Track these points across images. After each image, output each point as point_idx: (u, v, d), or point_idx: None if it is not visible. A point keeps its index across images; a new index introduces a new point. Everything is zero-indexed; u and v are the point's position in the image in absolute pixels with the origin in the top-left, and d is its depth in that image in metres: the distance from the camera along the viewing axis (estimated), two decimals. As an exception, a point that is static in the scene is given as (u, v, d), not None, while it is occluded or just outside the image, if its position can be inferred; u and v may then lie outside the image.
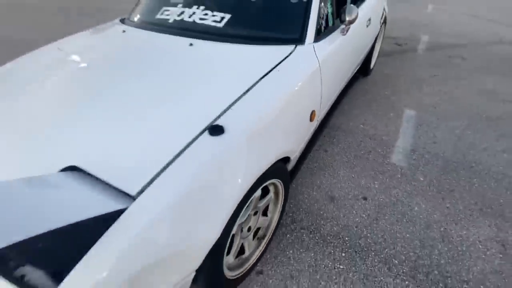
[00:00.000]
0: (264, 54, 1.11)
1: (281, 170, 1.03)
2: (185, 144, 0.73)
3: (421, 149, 1.73)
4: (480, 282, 1.07)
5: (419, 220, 1.31)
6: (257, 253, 1.13)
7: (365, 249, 1.20)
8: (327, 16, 1.40)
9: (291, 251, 1.21)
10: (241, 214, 0.86)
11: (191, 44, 1.18)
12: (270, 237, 1.18)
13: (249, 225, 1.04)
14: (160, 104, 0.88)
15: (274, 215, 1.18)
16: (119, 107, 0.89)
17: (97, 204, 0.63)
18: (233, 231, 0.87)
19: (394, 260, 1.16)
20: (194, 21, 1.32)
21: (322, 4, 1.31)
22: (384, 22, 2.46)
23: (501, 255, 1.17)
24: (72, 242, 0.58)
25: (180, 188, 0.67)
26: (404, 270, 1.12)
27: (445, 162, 1.63)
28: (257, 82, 0.95)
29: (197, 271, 0.75)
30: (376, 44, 2.46)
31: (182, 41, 1.21)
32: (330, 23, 1.44)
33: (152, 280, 0.65)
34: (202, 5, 1.36)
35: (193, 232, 0.70)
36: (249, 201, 0.89)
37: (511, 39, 3.34)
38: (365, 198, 1.43)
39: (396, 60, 2.92)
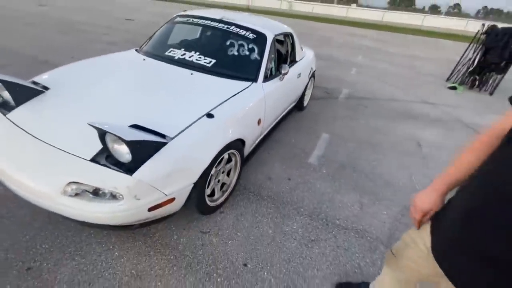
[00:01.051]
0: (235, 84, 1.98)
1: (239, 146, 1.83)
2: (196, 119, 1.50)
3: (328, 156, 2.71)
4: (345, 220, 1.95)
5: (318, 192, 2.20)
6: (222, 199, 1.86)
7: (285, 204, 2.02)
8: (271, 69, 2.38)
9: (241, 203, 1.96)
10: (216, 164, 1.62)
11: (191, 73, 2.00)
12: (229, 191, 1.93)
13: (218, 178, 1.78)
14: (180, 100, 1.66)
15: (233, 177, 1.94)
16: (158, 100, 1.64)
17: (156, 138, 1.34)
18: (212, 172, 1.61)
19: (301, 209, 1.99)
20: (192, 60, 2.16)
21: (268, 62, 2.27)
22: (313, 76, 3.63)
23: (358, 208, 2.09)
24: (145, 149, 1.28)
25: (193, 138, 1.43)
26: (306, 213, 1.95)
27: (340, 164, 2.62)
28: (231, 96, 1.79)
29: (194, 184, 1.47)
30: (308, 90, 3.59)
31: (186, 71, 2.02)
32: (274, 73, 2.41)
33: (176, 178, 1.36)
34: (198, 52, 2.22)
35: (196, 160, 1.44)
36: (221, 157, 1.66)
37: (385, 98, 4.83)
38: (289, 179, 2.29)
39: (324, 103, 4.11)
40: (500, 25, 5.54)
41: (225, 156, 1.72)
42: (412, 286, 1.01)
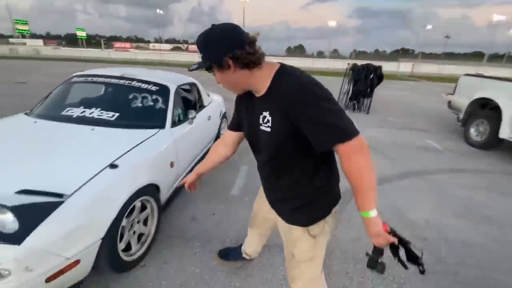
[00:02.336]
0: (142, 133, 2.03)
1: (153, 192, 1.84)
2: (97, 171, 1.48)
3: (248, 185, 2.93)
4: (270, 240, 2.10)
5: (242, 219, 2.32)
6: (141, 251, 1.77)
7: (211, 239, 2.06)
8: (179, 115, 2.55)
9: (164, 250, 1.91)
10: (126, 214, 1.58)
11: (92, 129, 1.97)
12: (149, 242, 1.86)
13: (134, 229, 1.72)
14: (79, 157, 1.61)
15: (152, 226, 1.89)
16: (52, 161, 1.55)
17: (49, 199, 1.26)
18: (123, 223, 1.56)
19: (227, 239, 2.06)
20: (93, 116, 2.14)
21: (174, 110, 2.43)
22: (224, 117, 3.99)
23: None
24: (35, 213, 1.18)
25: (95, 191, 1.40)
26: (232, 243, 2.02)
27: (258, 190, 2.85)
28: (137, 144, 1.84)
29: (102, 239, 1.39)
30: (223, 130, 3.89)
31: (86, 127, 1.98)
32: (182, 118, 2.59)
33: (78, 236, 1.28)
34: (99, 107, 2.23)
35: (100, 213, 1.39)
36: (132, 206, 1.63)
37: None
38: (213, 214, 2.36)
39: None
40: (359, 62, 7.37)
41: (137, 204, 1.70)
42: (267, 235, 1.61)
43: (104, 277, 1.63)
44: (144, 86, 2.44)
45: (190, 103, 3.22)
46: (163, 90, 2.47)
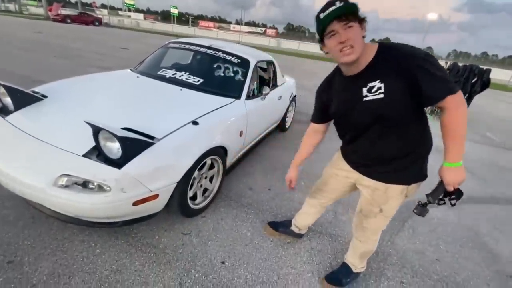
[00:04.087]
0: (220, 100, 2.19)
1: (221, 154, 1.99)
2: (182, 124, 1.67)
3: (306, 170, 2.89)
4: (320, 226, 2.08)
5: (296, 201, 2.33)
6: (204, 204, 1.96)
7: (264, 211, 2.14)
8: (254, 90, 2.64)
9: (222, 209, 2.07)
10: (198, 167, 1.75)
11: (181, 89, 2.21)
12: (211, 197, 2.04)
13: (201, 183, 1.91)
14: (168, 110, 1.84)
15: (216, 184, 2.07)
16: (148, 110, 1.82)
17: (145, 139, 1.49)
18: (194, 174, 1.74)
19: (279, 215, 2.11)
20: (182, 79, 2.39)
21: (251, 84, 2.53)
22: (293, 100, 3.95)
23: (332, 216, 2.22)
24: (134, 147, 1.42)
25: (178, 141, 1.59)
26: (283, 219, 2.07)
27: (315, 177, 2.80)
28: (216, 109, 1.99)
29: (178, 183, 1.59)
30: (290, 113, 3.89)
31: (176, 87, 2.24)
32: (256, 93, 2.67)
33: (160, 175, 1.49)
34: (187, 72, 2.47)
35: (179, 160, 1.58)
36: (204, 162, 1.80)
37: None
38: (269, 189, 2.44)
39: (306, 126, 4.39)
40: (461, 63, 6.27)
41: (208, 161, 1.87)
42: (323, 208, 1.72)
43: (172, 217, 1.87)
44: (228, 57, 2.59)
45: (265, 80, 3.29)
46: (244, 63, 2.58)
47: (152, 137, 1.53)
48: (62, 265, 1.42)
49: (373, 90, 1.03)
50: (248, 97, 2.44)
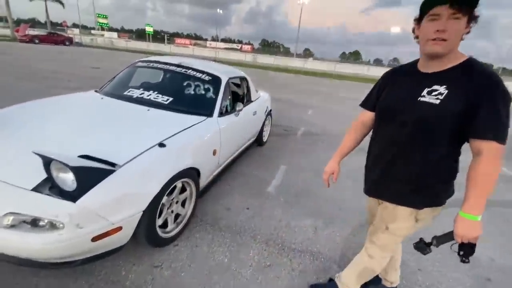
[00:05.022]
0: (190, 118, 2.11)
1: (193, 175, 1.89)
2: (147, 148, 1.57)
3: (285, 185, 2.85)
4: (300, 243, 2.01)
5: (276, 218, 2.26)
6: (176, 231, 1.83)
7: (243, 232, 2.04)
8: (227, 106, 2.60)
9: (197, 234, 1.95)
10: (167, 192, 1.64)
11: (148, 110, 2.11)
12: (184, 223, 1.91)
13: (172, 208, 1.79)
14: (133, 133, 1.73)
15: (189, 208, 1.95)
16: (111, 133, 1.69)
17: (104, 166, 1.37)
18: (163, 201, 1.62)
19: (258, 236, 2.02)
20: (150, 98, 2.29)
21: (223, 100, 2.48)
22: (269, 114, 3.95)
23: (313, 232, 2.17)
24: (91, 176, 1.29)
25: (143, 165, 1.48)
26: (263, 240, 1.98)
27: (296, 191, 2.75)
28: (186, 128, 1.91)
29: (144, 212, 1.47)
30: (266, 127, 3.87)
31: (143, 107, 2.13)
32: (229, 110, 2.62)
33: (123, 205, 1.36)
34: (156, 91, 2.38)
35: (145, 187, 1.47)
36: (173, 186, 1.69)
37: (338, 134, 5.37)
38: (248, 208, 2.34)
39: (283, 139, 4.40)
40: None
41: (178, 184, 1.76)
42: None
43: (141, 249, 1.72)
44: (198, 75, 2.54)
45: (238, 96, 3.27)
46: (215, 81, 2.54)
47: (113, 164, 1.41)
48: (7, 319, 1.23)
49: (434, 93, 0.97)
50: (221, 114, 2.39)
